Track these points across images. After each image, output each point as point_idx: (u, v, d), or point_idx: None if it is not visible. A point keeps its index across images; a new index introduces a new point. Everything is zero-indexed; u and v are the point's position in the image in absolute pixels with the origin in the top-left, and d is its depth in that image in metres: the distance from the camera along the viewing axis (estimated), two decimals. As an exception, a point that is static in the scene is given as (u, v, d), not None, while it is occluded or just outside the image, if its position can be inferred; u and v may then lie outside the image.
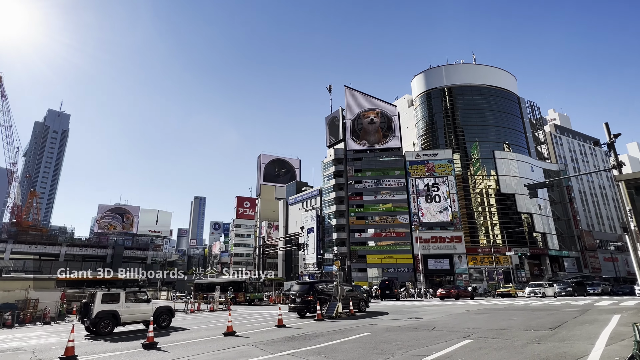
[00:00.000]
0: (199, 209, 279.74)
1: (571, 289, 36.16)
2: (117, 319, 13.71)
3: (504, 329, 10.53)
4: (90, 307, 13.44)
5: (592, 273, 61.32)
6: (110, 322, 13.49)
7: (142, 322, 14.64)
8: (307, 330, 11.78)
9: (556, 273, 60.06)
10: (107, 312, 13.49)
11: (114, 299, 13.97)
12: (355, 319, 15.34)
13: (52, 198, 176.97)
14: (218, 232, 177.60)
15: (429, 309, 19.77)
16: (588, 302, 21.70)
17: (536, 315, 14.00)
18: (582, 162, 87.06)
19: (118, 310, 13.81)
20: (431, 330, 10.81)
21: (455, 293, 33.62)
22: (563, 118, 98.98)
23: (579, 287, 36.42)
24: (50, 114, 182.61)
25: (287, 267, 77.73)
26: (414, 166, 60.66)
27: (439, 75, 70.92)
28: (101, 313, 13.32)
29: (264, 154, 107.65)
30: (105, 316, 13.39)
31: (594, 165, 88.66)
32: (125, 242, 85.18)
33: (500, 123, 67.18)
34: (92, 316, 13.19)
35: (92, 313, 13.23)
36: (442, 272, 55.93)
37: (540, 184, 25.18)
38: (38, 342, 12.09)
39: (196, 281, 43.52)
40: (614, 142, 15.88)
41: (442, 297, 33.31)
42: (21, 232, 73.39)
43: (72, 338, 8.68)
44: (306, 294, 17.54)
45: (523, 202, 60.43)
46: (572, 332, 9.47)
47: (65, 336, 13.07)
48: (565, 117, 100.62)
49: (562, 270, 61.59)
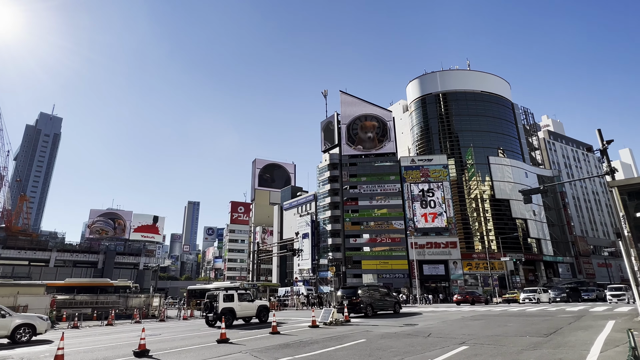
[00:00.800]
0: (192, 214, 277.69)
1: (566, 294, 36.42)
2: (234, 314, 17.33)
3: (499, 335, 10.54)
4: (215, 305, 17.08)
5: (587, 279, 61.77)
6: (230, 316, 16.92)
7: (250, 317, 18.55)
8: (302, 337, 11.69)
9: (551, 279, 60.43)
10: (227, 309, 17.10)
11: (231, 299, 17.62)
12: (351, 325, 15.27)
13: (43, 202, 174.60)
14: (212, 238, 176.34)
15: (425, 316, 19.75)
16: (583, 308, 21.85)
17: (531, 322, 14.05)
18: (575, 168, 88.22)
19: (234, 307, 17.52)
20: (427, 336, 10.79)
21: (470, 299, 35.72)
22: (556, 124, 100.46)
23: (574, 293, 36.72)
24: (42, 117, 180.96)
25: (282, 273, 77.27)
26: (409, 171, 60.96)
27: (433, 81, 71.69)
28: (224, 309, 16.85)
29: (259, 159, 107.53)
30: (227, 312, 16.90)
31: (588, 172, 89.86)
32: (117, 248, 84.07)
33: (494, 129, 67.94)
34: (217, 312, 16.73)
35: (218, 309, 16.80)
36: (438, 278, 55.98)
37: (535, 190, 25.39)
38: (26, 350, 11.81)
39: (189, 287, 43.06)
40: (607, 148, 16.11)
41: (459, 302, 35.62)
42: (10, 237, 72.12)
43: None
44: (353, 297, 20.67)
45: (518, 207, 60.94)
46: (568, 338, 9.52)
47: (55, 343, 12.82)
48: (559, 123, 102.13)
49: (557, 276, 62.00)
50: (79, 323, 21.52)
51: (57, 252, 74.24)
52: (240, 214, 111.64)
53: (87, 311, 27.28)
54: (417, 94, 73.31)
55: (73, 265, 75.72)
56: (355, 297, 20.54)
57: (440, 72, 72.14)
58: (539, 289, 36.20)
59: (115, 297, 30.04)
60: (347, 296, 20.93)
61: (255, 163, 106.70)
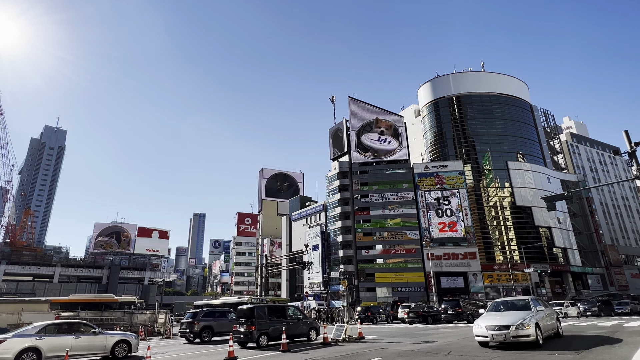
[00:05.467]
0: (198, 227, 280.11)
1: (597, 308, 35.10)
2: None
3: (526, 352, 10.22)
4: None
5: (619, 291, 59.69)
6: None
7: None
8: (314, 356, 11.54)
9: (579, 291, 58.58)
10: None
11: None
12: (365, 342, 15.02)
13: (47, 216, 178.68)
14: (218, 251, 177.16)
15: (443, 332, 19.31)
16: (616, 322, 21.07)
17: (561, 338, 13.59)
18: (602, 172, 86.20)
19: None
20: (447, 354, 10.53)
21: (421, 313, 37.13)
22: (579, 126, 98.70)
23: (606, 307, 35.36)
24: (46, 130, 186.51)
25: (291, 287, 76.86)
26: (423, 179, 60.47)
27: (446, 84, 71.56)
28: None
29: (265, 168, 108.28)
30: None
31: (615, 175, 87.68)
32: (121, 262, 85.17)
33: (512, 132, 67.14)
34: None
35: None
36: (457, 291, 54.81)
37: (559, 196, 24.88)
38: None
39: (195, 303, 43.17)
40: (635, 150, 15.75)
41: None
42: (15, 253, 73.87)
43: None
44: (457, 307, 27.15)
45: (540, 215, 59.66)
46: (602, 355, 9.17)
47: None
48: (582, 125, 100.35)
49: (586, 288, 60.07)
50: (83, 341, 21.67)
51: (61, 267, 75.62)
52: (247, 226, 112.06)
53: (92, 328, 27.49)
54: (430, 98, 73.20)
55: (77, 281, 76.92)
56: (420, 310, 28.29)
57: (453, 74, 72.04)
58: (567, 302, 35.09)
59: (120, 313, 30.22)
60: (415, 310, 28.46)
61: (262, 173, 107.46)
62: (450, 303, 28.37)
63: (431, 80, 74.06)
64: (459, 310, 27.02)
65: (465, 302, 28.96)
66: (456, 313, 26.94)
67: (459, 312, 27.05)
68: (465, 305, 28.28)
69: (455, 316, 26.95)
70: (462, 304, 27.85)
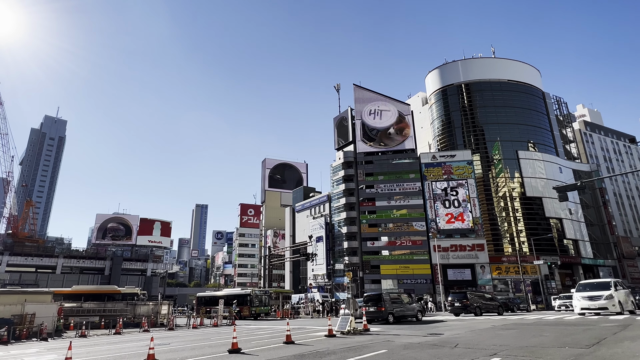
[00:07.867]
0: (200, 218, 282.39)
1: (608, 301, 35.04)
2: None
3: (534, 346, 10.21)
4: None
5: (632, 284, 59.45)
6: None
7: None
8: (318, 348, 11.64)
9: (590, 284, 58.40)
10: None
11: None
12: (370, 335, 15.13)
13: (49, 207, 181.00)
14: (221, 242, 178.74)
15: (450, 324, 19.40)
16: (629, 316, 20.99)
17: (570, 331, 13.56)
18: (616, 161, 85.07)
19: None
20: (453, 347, 10.56)
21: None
22: (593, 114, 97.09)
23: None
24: (46, 120, 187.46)
25: (295, 279, 77.55)
26: (430, 169, 60.12)
27: (455, 71, 70.46)
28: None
29: (269, 158, 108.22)
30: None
31: (630, 165, 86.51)
32: (124, 253, 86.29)
33: (523, 121, 66.22)
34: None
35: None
36: (464, 284, 54.88)
37: (570, 186, 24.58)
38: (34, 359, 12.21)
39: (198, 294, 43.79)
40: (653, 138, 15.40)
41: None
42: (17, 244, 75.06)
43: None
44: (464, 299, 27.54)
45: (551, 206, 59.23)
46: (613, 349, 9.12)
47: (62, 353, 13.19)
48: (596, 112, 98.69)
49: (597, 281, 59.84)
50: (86, 332, 22.13)
51: (63, 258, 76.79)
52: (250, 217, 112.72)
53: (95, 319, 28.02)
54: (438, 85, 72.22)
55: (80, 272, 78.19)
56: (465, 299, 27.11)
57: (462, 60, 70.85)
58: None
59: (122, 304, 30.74)
60: (459, 299, 27.52)
61: (264, 163, 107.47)
62: (457, 295, 28.78)
63: (439, 67, 72.94)
64: (466, 303, 27.38)
65: (473, 294, 29.19)
66: (463, 305, 27.35)
67: (466, 305, 27.41)
68: (473, 297, 28.50)
69: (462, 309, 27.34)
70: (470, 296, 28.08)
